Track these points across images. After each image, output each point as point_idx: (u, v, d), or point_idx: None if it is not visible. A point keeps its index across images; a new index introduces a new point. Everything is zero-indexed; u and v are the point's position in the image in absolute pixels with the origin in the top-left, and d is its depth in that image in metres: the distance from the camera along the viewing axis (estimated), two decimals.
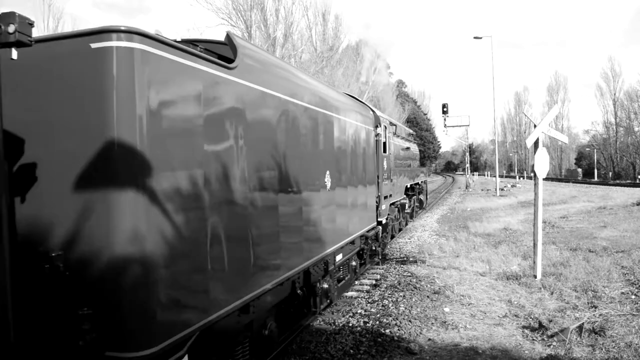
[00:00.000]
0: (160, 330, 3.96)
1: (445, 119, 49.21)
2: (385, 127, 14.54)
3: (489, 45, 41.88)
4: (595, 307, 8.88)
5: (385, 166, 14.25)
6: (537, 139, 11.11)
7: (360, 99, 14.17)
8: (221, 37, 6.18)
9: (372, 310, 9.63)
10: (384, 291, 10.92)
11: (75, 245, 3.86)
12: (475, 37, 44.03)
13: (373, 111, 13.36)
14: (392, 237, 17.92)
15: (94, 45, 3.68)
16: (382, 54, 51.29)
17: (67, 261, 3.80)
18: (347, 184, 9.82)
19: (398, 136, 18.40)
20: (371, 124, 12.50)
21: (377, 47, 51.28)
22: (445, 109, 47.35)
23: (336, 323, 9.02)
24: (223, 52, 5.90)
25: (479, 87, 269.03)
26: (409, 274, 12.27)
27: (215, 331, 4.97)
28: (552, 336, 7.56)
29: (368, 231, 12.09)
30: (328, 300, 9.33)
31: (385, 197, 14.35)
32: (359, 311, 9.64)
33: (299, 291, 7.59)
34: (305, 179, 7.36)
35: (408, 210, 22.01)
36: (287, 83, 6.85)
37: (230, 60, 5.27)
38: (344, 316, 9.44)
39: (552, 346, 7.28)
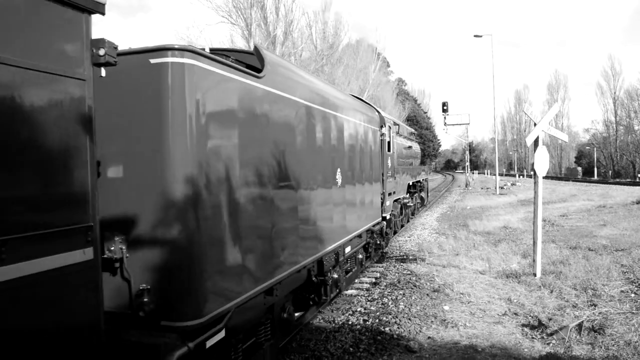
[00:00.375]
0: (205, 305, 4.65)
1: (445, 117, 49.23)
2: (390, 127, 15.15)
3: (489, 43, 41.88)
4: (595, 306, 8.88)
5: (390, 164, 14.91)
6: (537, 137, 11.11)
7: (366, 100, 14.77)
8: (238, 46, 7.16)
9: (372, 308, 9.64)
10: (383, 289, 10.92)
11: (136, 231, 4.56)
12: (475, 36, 44.07)
13: (378, 112, 13.94)
14: (395, 232, 18.41)
15: (153, 61, 4.45)
16: (382, 52, 51.22)
17: (128, 244, 4.55)
18: (355, 182, 10.46)
19: (401, 135, 18.99)
20: (376, 124, 13.07)
21: (377, 44, 51.20)
22: (445, 107, 47.36)
23: (336, 321, 9.03)
24: (250, 62, 6.60)
25: (479, 85, 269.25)
26: (409, 272, 12.28)
27: (245, 310, 5.59)
28: (551, 334, 7.57)
29: (374, 226, 12.64)
30: (337, 290, 9.83)
31: (390, 194, 14.99)
32: (358, 309, 9.65)
33: (313, 279, 8.17)
34: (320, 177, 8.07)
35: (410, 206, 22.67)
36: (305, 89, 7.52)
37: (259, 70, 5.98)
38: (343, 314, 9.44)
39: (551, 344, 7.29)
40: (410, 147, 21.64)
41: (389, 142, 14.82)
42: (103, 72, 3.61)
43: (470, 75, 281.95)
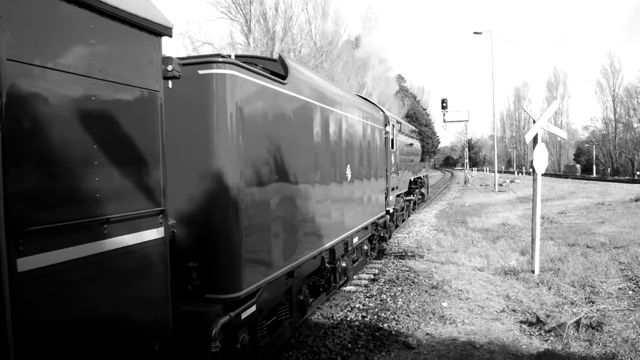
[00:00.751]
0: (243, 281, 5.51)
1: (444, 114, 49.25)
2: (393, 126, 16.00)
3: (489, 40, 41.85)
4: (593, 303, 8.90)
5: (393, 161, 15.84)
6: (536, 134, 11.11)
7: (372, 100, 15.78)
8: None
9: (370, 304, 9.65)
10: (382, 285, 10.94)
11: (185, 215, 5.31)
12: (475, 33, 44.00)
13: (382, 111, 14.78)
14: (397, 226, 19.15)
15: (201, 72, 5.28)
16: (382, 48, 51.17)
17: (178, 227, 5.28)
18: (362, 177, 11.36)
19: (402, 133, 19.73)
20: (381, 123, 13.91)
21: (376, 42, 51.15)
22: (444, 104, 47.37)
23: (334, 317, 9.04)
24: (274, 68, 7.39)
25: (479, 82, 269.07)
26: (407, 269, 12.29)
27: (271, 289, 6.52)
28: (549, 331, 7.58)
29: (378, 219, 13.55)
30: (345, 278, 10.64)
31: (393, 189, 15.95)
32: (357, 305, 9.66)
33: (326, 265, 8.99)
34: (333, 172, 8.99)
35: (412, 201, 23.88)
36: (321, 93, 8.37)
37: (283, 77, 6.84)
38: (342, 310, 9.46)
39: (549, 341, 7.31)
40: (411, 144, 22.42)
41: (392, 140, 15.56)
42: (170, 84, 4.35)
43: (470, 73, 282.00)
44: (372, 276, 12.10)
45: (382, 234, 14.56)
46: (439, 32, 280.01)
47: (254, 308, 5.99)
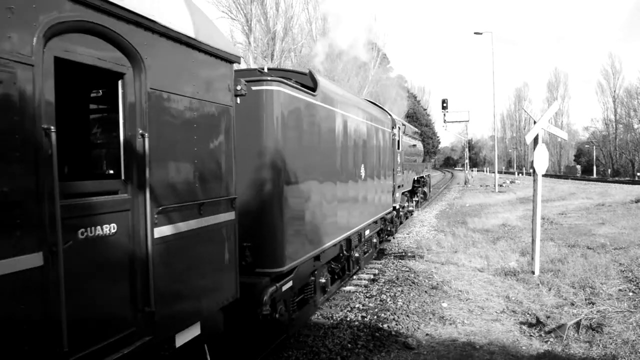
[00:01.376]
0: (285, 259, 6.90)
1: (444, 115, 49.20)
2: (399, 128, 17.39)
3: (489, 41, 41.82)
4: (593, 304, 8.89)
5: (399, 161, 17.15)
6: (537, 135, 11.10)
7: (380, 105, 16.87)
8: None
9: (370, 304, 9.64)
10: (382, 286, 10.93)
11: (241, 204, 5.93)
12: (475, 33, 44.02)
13: (390, 115, 16.09)
14: (401, 222, 20.19)
15: (254, 88, 6.42)
16: (382, 48, 51.04)
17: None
18: (374, 175, 12.63)
19: (406, 134, 20.90)
20: (389, 126, 15.06)
21: (377, 40, 51.03)
22: (445, 105, 47.34)
23: (334, 317, 9.03)
24: (305, 81, 8.62)
25: (479, 83, 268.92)
26: (407, 269, 12.28)
27: (303, 269, 7.80)
28: (549, 332, 7.57)
29: (386, 214, 14.79)
30: (357, 267, 11.78)
31: (399, 187, 17.28)
32: (357, 305, 9.65)
33: (343, 252, 10.18)
34: (351, 170, 10.26)
35: (415, 199, 25.38)
36: (342, 102, 9.61)
37: (313, 89, 8.12)
38: (342, 310, 9.45)
39: (549, 342, 7.30)
40: (414, 145, 23.82)
41: (398, 141, 16.90)
42: (238, 100, 5.62)
43: (470, 73, 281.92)
44: (372, 276, 12.09)
45: (389, 228, 15.91)
46: (439, 32, 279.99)
47: (290, 283, 7.35)
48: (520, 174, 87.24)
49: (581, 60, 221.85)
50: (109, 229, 3.74)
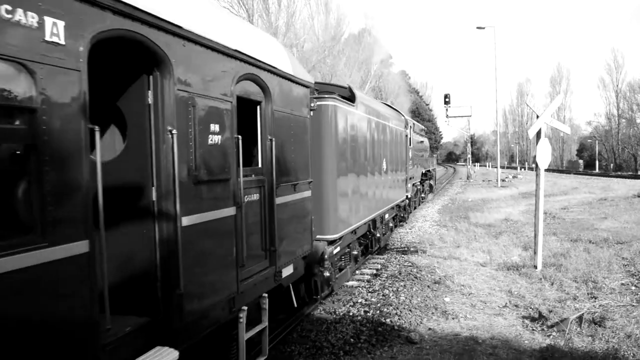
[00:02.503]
0: (337, 229, 9.25)
1: (447, 110, 49.11)
2: (410, 127, 19.79)
3: (492, 35, 41.67)
4: (595, 298, 8.90)
5: (410, 156, 19.68)
6: (540, 129, 11.08)
7: (396, 108, 19.49)
8: (332, 81, 15.97)
9: (373, 299, 9.66)
10: (384, 281, 10.95)
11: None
12: (478, 28, 43.85)
13: (403, 115, 18.49)
14: (409, 212, 22.39)
15: (318, 103, 8.44)
16: (385, 43, 50.97)
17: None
18: (392, 169, 14.95)
19: (415, 132, 23.06)
20: (402, 125, 17.35)
21: (379, 36, 50.94)
22: (447, 100, 47.25)
23: (337, 312, 9.05)
24: (344, 93, 10.80)
25: (482, 77, 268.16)
26: (410, 264, 12.30)
27: (345, 239, 10.18)
28: (552, 326, 7.58)
29: (401, 202, 17.39)
30: (378, 245, 14.07)
31: (410, 179, 19.80)
32: (359, 300, 9.67)
33: (371, 230, 12.56)
34: (376, 164, 12.66)
35: (423, 190, 28.48)
36: (371, 108, 12.18)
37: (352, 100, 10.52)
38: (344, 305, 9.47)
39: (551, 336, 7.31)
40: (422, 141, 26.43)
41: (410, 138, 19.24)
42: (311, 113, 7.66)
43: (473, 68, 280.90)
44: (374, 271, 12.10)
45: (402, 215, 18.92)
46: (442, 27, 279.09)
47: (338, 248, 9.74)
48: (522, 169, 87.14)
49: (584, 55, 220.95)
50: (256, 197, 5.97)
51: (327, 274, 9.00)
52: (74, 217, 3.26)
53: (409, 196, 19.60)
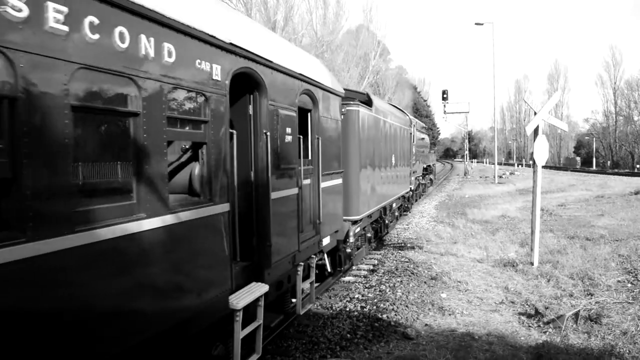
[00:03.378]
0: (358, 211, 11.14)
1: (445, 106, 49.09)
2: (414, 125, 22.06)
3: (490, 32, 41.60)
4: (592, 295, 8.92)
5: (414, 152, 21.96)
6: (537, 126, 11.07)
7: (401, 108, 21.55)
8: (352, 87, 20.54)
9: (370, 295, 9.67)
10: (381, 276, 10.95)
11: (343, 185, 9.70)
12: (476, 24, 43.77)
13: (407, 115, 20.81)
14: (412, 203, 24.77)
15: (347, 108, 10.58)
16: (383, 39, 50.80)
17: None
18: (399, 163, 17.03)
19: (417, 129, 25.22)
20: (407, 124, 19.42)
21: (377, 31, 50.77)
22: (445, 96, 47.21)
23: (333, 307, 9.06)
24: (361, 98, 12.50)
25: (479, 74, 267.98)
26: (407, 260, 12.31)
27: (364, 221, 12.04)
28: (548, 323, 7.59)
29: (406, 193, 19.72)
30: (386, 230, 16.20)
31: (413, 172, 22.00)
32: (356, 296, 9.67)
33: (382, 216, 14.74)
34: (387, 159, 14.67)
35: (425, 183, 31.64)
36: (384, 111, 14.21)
37: (370, 105, 12.38)
38: (341, 301, 9.47)
39: (548, 333, 7.32)
40: (423, 138, 28.93)
41: (413, 136, 21.52)
42: (341, 117, 9.55)
43: (471, 64, 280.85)
44: (371, 267, 12.11)
45: (406, 205, 21.51)
46: (440, 23, 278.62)
47: (359, 229, 11.70)
48: (519, 166, 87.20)
49: (582, 52, 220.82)
50: (308, 181, 7.76)
51: (348, 250, 11.01)
52: (226, 188, 5.25)
53: (412, 188, 21.72)
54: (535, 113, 11.19)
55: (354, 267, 12.01)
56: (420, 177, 27.77)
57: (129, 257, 3.89)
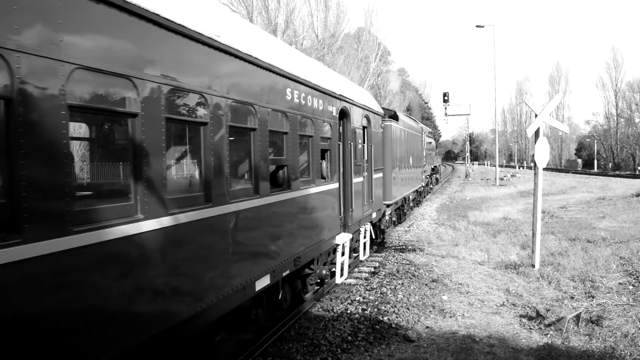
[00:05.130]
0: (392, 198, 16.28)
1: (446, 108, 49.04)
2: (424, 131, 28.10)
3: (491, 34, 41.60)
4: (593, 297, 8.91)
5: (424, 154, 27.46)
6: (538, 128, 11.07)
7: (414, 118, 29.45)
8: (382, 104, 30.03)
9: (371, 297, 9.66)
10: (382, 279, 10.95)
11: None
12: (477, 26, 43.80)
13: (419, 123, 27.76)
14: (423, 197, 30.36)
15: (384, 123, 15.37)
16: (383, 41, 50.87)
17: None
18: (414, 164, 21.98)
19: (426, 135, 30.68)
20: (419, 131, 25.03)
21: (378, 34, 50.81)
22: (446, 98, 47.16)
23: (334, 310, 9.05)
24: (389, 114, 16.82)
25: (481, 76, 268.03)
26: (408, 262, 12.30)
27: (390, 207, 16.26)
28: (549, 325, 7.59)
29: (419, 188, 25.48)
30: (404, 217, 21.03)
31: (424, 172, 27.50)
32: (357, 298, 9.67)
33: (404, 204, 20.15)
34: (407, 161, 19.53)
35: (432, 181, 37.84)
36: (405, 122, 19.67)
37: (396, 119, 17.45)
38: (342, 303, 9.47)
39: (549, 335, 7.31)
40: (430, 142, 35.40)
41: (423, 141, 26.83)
42: (381, 129, 14.10)
43: (472, 66, 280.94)
44: (372, 269, 12.11)
45: (419, 199, 26.90)
46: (441, 26, 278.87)
47: (390, 210, 16.12)
48: (521, 168, 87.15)
49: (583, 54, 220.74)
50: (366, 174, 11.64)
51: (382, 227, 15.21)
52: (337, 175, 9.43)
53: (423, 185, 27.97)
54: (536, 115, 11.19)
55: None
56: (429, 176, 33.73)
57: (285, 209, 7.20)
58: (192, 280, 4.80)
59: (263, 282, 6.31)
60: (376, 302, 9.25)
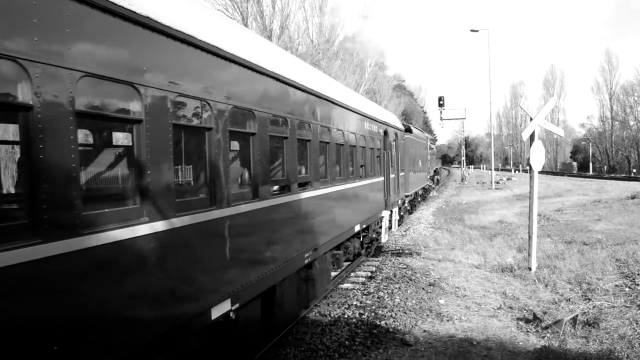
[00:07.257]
0: (409, 190, 22.58)
1: (441, 112, 49.25)
2: (428, 139, 34.05)
3: (486, 38, 41.83)
4: (589, 300, 8.93)
5: (429, 159, 34.19)
6: (533, 132, 11.12)
7: (421, 129, 38.38)
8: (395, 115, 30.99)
9: (368, 302, 9.65)
10: (379, 283, 10.94)
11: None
12: (471, 30, 44.02)
13: (425, 133, 35.20)
14: (428, 193, 36.28)
15: (404, 135, 21.16)
16: (378, 46, 51.11)
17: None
18: (421, 168, 28.50)
19: (430, 142, 36.11)
20: (425, 139, 31.46)
21: (373, 39, 51.02)
22: (441, 102, 47.38)
23: (332, 314, 9.04)
24: (405, 127, 22.79)
25: (475, 80, 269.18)
26: (405, 266, 12.30)
27: (406, 198, 22.50)
28: (546, 328, 7.60)
29: (425, 186, 32.32)
30: (415, 209, 26.95)
31: (428, 173, 33.85)
32: (354, 303, 9.66)
33: (414, 197, 26.55)
34: (417, 164, 26.10)
35: (434, 181, 42.77)
36: (415, 133, 26.83)
37: (410, 132, 23.93)
38: (339, 308, 9.46)
39: (546, 338, 7.32)
40: (432, 148, 41.51)
41: (427, 147, 32.17)
42: (402, 141, 20.45)
43: (467, 70, 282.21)
44: (369, 274, 12.10)
45: (425, 195, 32.66)
46: (436, 30, 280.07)
47: (408, 199, 22.70)
48: (516, 171, 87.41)
49: (578, 57, 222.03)
50: (393, 175, 17.27)
51: (402, 213, 19.47)
52: (381, 172, 14.87)
53: (428, 184, 34.66)
54: (531, 119, 11.25)
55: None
56: (431, 177, 40.23)
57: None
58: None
59: (360, 227, 12.08)
60: (373, 307, 9.25)
